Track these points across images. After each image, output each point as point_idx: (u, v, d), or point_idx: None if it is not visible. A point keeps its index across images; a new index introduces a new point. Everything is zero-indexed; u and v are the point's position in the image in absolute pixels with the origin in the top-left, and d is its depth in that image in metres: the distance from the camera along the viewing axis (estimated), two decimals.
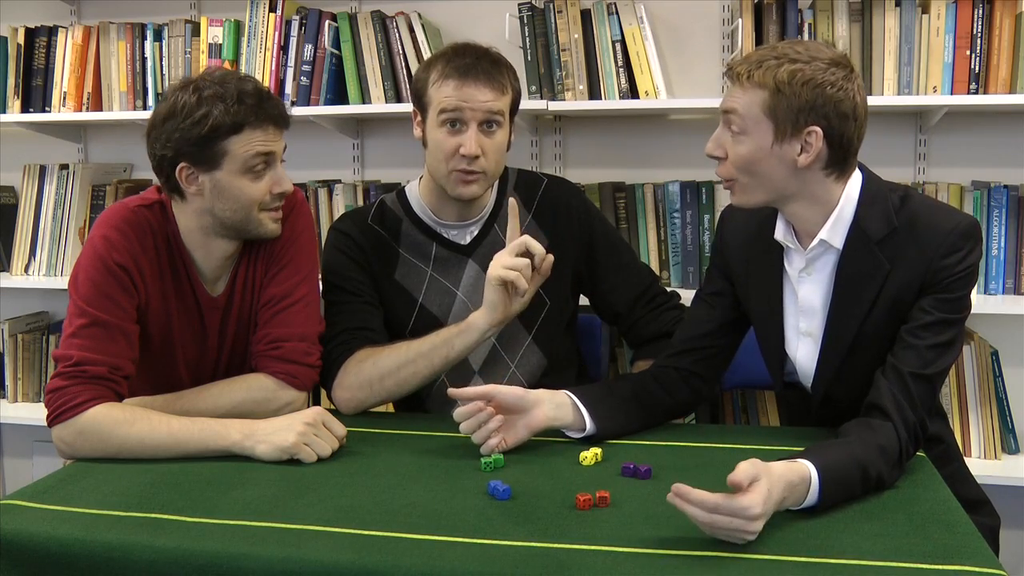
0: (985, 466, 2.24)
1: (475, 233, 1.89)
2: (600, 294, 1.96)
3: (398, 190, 1.95)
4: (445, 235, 1.88)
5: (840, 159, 1.47)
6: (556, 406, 1.57)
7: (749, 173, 1.48)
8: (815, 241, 1.52)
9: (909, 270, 1.47)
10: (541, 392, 1.58)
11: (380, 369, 1.73)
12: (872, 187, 1.52)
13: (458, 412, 1.53)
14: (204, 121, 1.56)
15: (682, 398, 1.70)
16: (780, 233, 1.57)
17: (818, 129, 1.43)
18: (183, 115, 1.58)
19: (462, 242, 1.89)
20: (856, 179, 1.52)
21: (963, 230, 1.46)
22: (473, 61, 1.75)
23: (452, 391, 1.54)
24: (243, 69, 2.55)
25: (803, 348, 1.61)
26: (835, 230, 1.51)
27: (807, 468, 1.26)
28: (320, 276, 1.86)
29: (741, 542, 1.17)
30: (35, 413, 2.69)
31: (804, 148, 1.44)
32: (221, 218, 1.64)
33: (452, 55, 1.77)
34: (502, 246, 1.88)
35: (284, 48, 2.53)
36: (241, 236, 1.68)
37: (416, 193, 1.91)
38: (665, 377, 1.68)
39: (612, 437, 1.59)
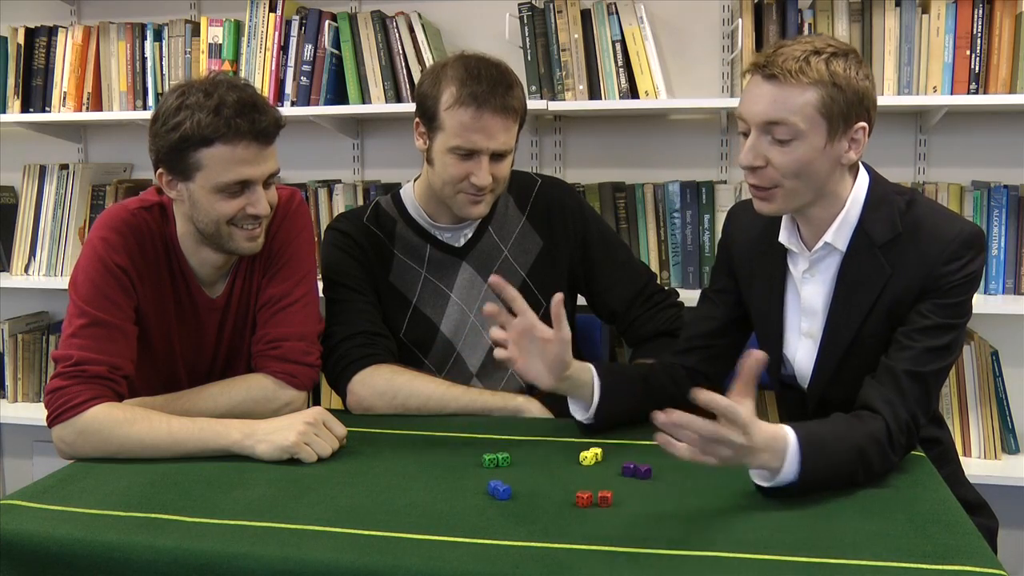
0: (985, 466, 2.24)
1: (469, 236, 1.89)
2: (597, 293, 1.96)
3: (393, 192, 1.95)
4: (439, 237, 1.88)
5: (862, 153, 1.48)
6: (578, 372, 1.55)
7: (799, 177, 1.43)
8: (820, 244, 1.52)
9: (910, 275, 1.47)
10: (575, 362, 1.54)
11: (412, 394, 1.74)
12: (879, 190, 1.52)
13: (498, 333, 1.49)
14: (176, 129, 1.54)
15: (687, 392, 1.69)
16: (784, 237, 1.57)
17: (865, 125, 1.43)
18: (162, 119, 1.56)
19: (456, 244, 1.88)
20: (863, 180, 1.52)
21: (965, 238, 1.45)
22: (489, 89, 1.70)
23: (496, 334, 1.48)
24: (243, 69, 2.55)
25: (803, 349, 1.61)
26: (840, 232, 1.51)
27: (784, 428, 1.28)
28: (320, 275, 1.86)
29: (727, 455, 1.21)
30: (35, 413, 2.69)
31: (851, 145, 1.44)
32: (198, 227, 1.63)
33: (466, 78, 1.71)
34: (496, 249, 1.88)
35: (284, 48, 2.53)
36: (219, 249, 1.66)
37: (411, 195, 1.91)
38: (672, 371, 1.69)
39: (613, 417, 1.59)
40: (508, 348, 1.48)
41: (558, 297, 1.44)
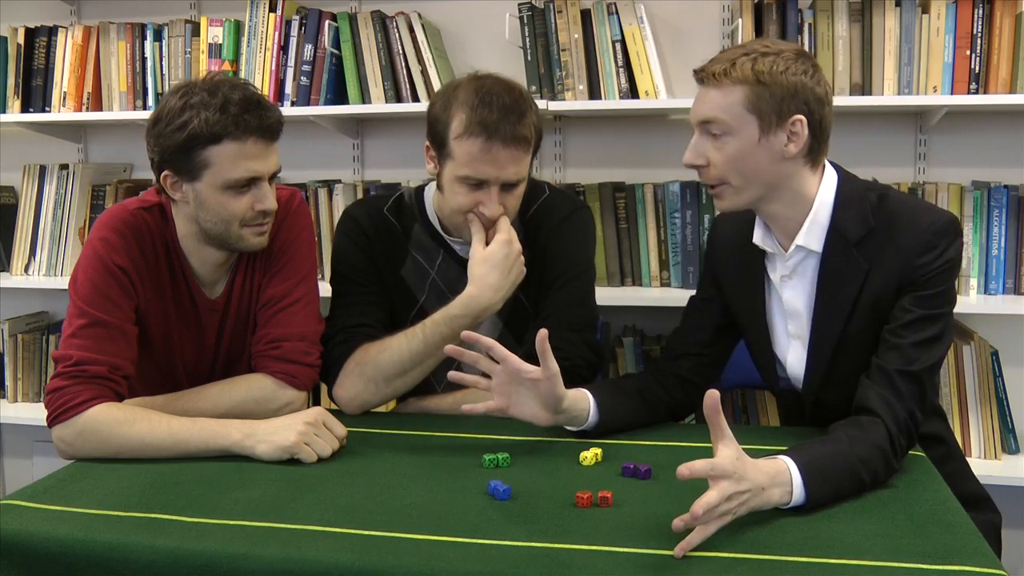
0: (985, 466, 2.24)
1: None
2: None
3: (417, 188, 1.92)
4: (452, 246, 1.86)
5: (818, 146, 1.49)
6: (575, 402, 1.55)
7: (739, 172, 1.48)
8: (793, 247, 1.53)
9: (888, 270, 1.48)
10: (569, 392, 1.54)
11: (384, 371, 1.72)
12: (848, 187, 1.53)
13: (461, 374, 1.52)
14: (183, 129, 1.54)
15: (679, 399, 1.71)
16: (758, 237, 1.58)
17: (802, 117, 1.46)
18: (166, 120, 1.56)
19: (466, 256, 1.86)
20: (831, 179, 1.54)
21: (939, 227, 1.46)
22: (500, 117, 1.62)
23: (466, 337, 1.51)
24: (243, 69, 2.55)
25: (793, 351, 1.62)
26: (812, 234, 1.52)
27: (782, 461, 1.27)
28: (330, 262, 1.86)
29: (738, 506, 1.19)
30: (35, 413, 2.69)
31: (791, 138, 1.46)
32: (204, 228, 1.63)
33: (477, 104, 1.64)
34: None
35: (284, 48, 2.53)
36: (225, 248, 1.67)
37: (431, 200, 1.88)
38: (664, 379, 1.69)
39: (613, 432, 1.60)
40: (495, 398, 1.51)
41: (543, 333, 1.44)
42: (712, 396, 1.18)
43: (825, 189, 1.52)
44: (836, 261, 1.51)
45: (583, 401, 1.57)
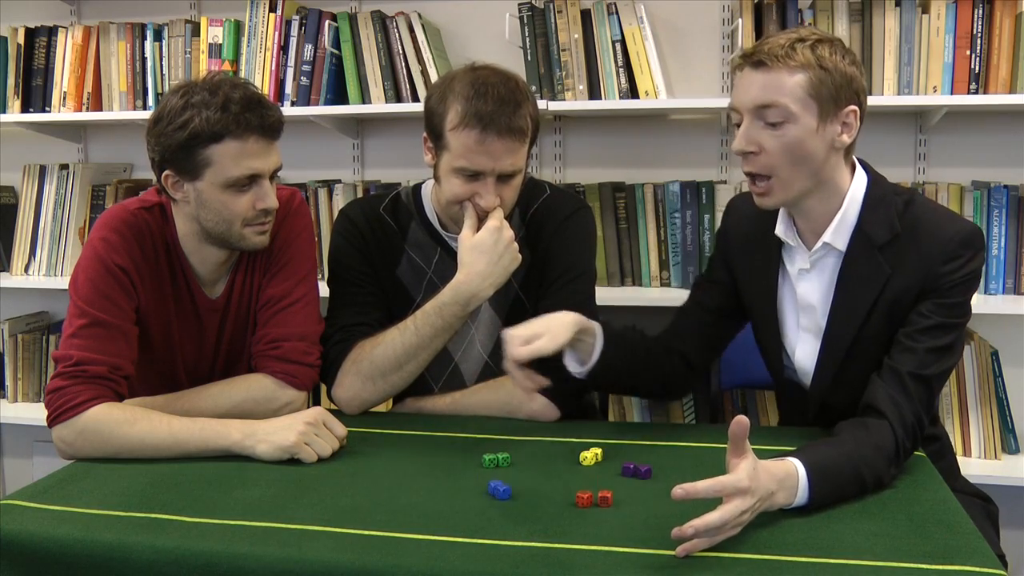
0: (985, 466, 2.24)
1: None
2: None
3: (414, 186, 1.91)
4: (450, 244, 1.86)
5: (855, 140, 1.48)
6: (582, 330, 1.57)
7: (793, 162, 1.44)
8: (819, 244, 1.52)
9: (909, 275, 1.47)
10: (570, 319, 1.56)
11: (379, 366, 1.72)
12: (877, 190, 1.52)
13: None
14: (184, 128, 1.54)
15: (675, 375, 1.71)
16: (781, 230, 1.58)
17: (856, 108, 1.45)
18: (167, 120, 1.56)
19: None
20: (861, 179, 1.53)
21: (964, 238, 1.46)
22: (495, 108, 1.61)
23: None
24: (243, 69, 2.56)
25: (802, 344, 1.62)
26: (839, 233, 1.51)
27: (792, 464, 1.26)
28: (327, 263, 1.86)
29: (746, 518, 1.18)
30: (35, 413, 2.69)
31: (844, 129, 1.45)
32: (206, 227, 1.64)
33: (472, 95, 1.63)
34: None
35: (284, 48, 2.53)
36: (226, 247, 1.67)
37: (429, 196, 1.87)
38: (669, 352, 1.70)
39: (605, 377, 1.62)
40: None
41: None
42: (741, 422, 1.17)
43: (856, 187, 1.51)
44: (859, 262, 1.51)
45: (590, 343, 1.60)
